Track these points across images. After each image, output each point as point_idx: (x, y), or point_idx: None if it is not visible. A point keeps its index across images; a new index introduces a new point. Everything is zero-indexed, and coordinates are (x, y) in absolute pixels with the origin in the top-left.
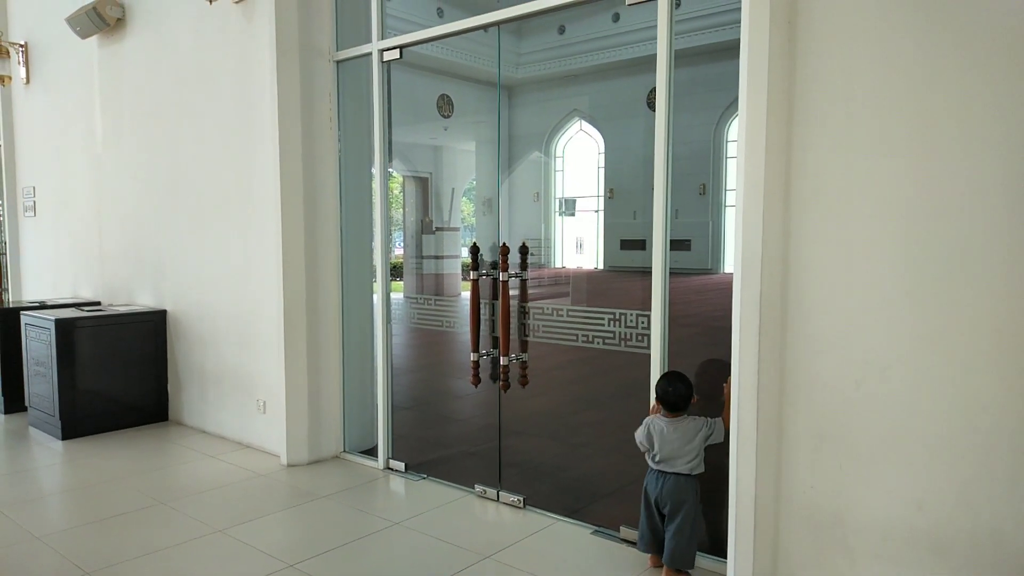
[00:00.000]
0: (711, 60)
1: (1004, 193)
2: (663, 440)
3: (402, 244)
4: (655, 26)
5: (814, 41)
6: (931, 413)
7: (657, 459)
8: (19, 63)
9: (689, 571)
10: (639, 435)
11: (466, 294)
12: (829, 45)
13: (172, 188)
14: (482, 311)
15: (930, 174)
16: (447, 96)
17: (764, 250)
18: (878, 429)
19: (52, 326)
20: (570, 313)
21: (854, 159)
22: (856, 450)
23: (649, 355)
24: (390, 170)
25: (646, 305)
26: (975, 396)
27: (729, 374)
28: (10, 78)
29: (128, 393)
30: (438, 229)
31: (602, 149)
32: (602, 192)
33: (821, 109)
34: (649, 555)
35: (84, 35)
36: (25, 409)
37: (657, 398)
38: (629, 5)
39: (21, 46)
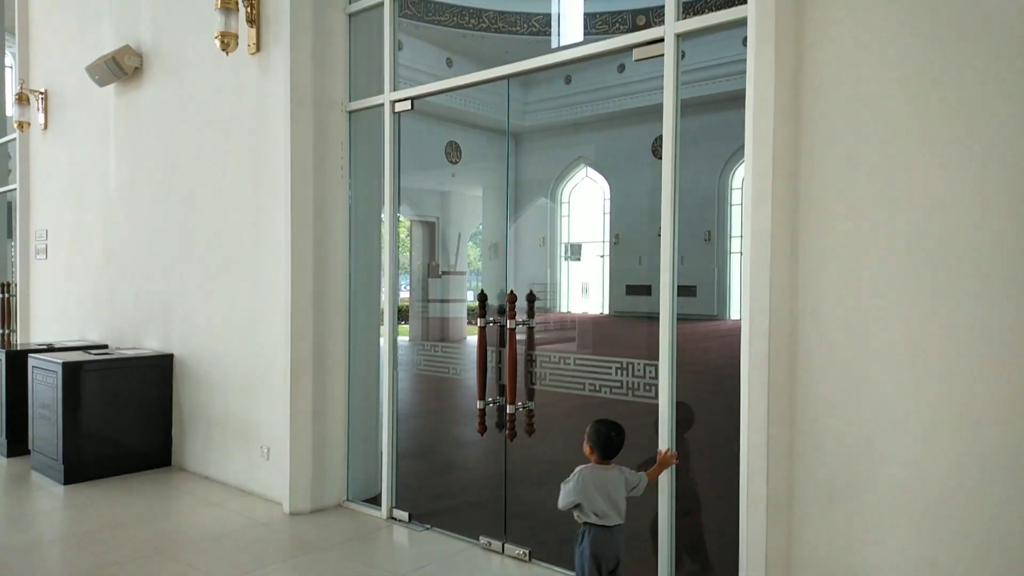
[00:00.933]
0: (715, 110)
1: (1007, 252)
2: (601, 491)
3: (408, 287)
4: (659, 77)
5: (819, 100)
6: (943, 470)
7: (594, 518)
8: (38, 109)
9: None
10: (569, 492)
11: (471, 338)
12: (834, 104)
13: (183, 233)
14: (488, 358)
15: (935, 233)
16: (455, 143)
17: (772, 305)
18: (889, 486)
19: (59, 369)
20: (577, 361)
21: (860, 217)
22: (868, 507)
23: (657, 405)
24: (398, 215)
25: (653, 353)
26: (989, 452)
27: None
28: (29, 124)
29: (132, 437)
30: (444, 273)
31: (608, 195)
32: (607, 237)
33: (827, 167)
34: None
35: (102, 83)
36: (28, 453)
37: (593, 444)
38: (636, 61)
39: (41, 93)
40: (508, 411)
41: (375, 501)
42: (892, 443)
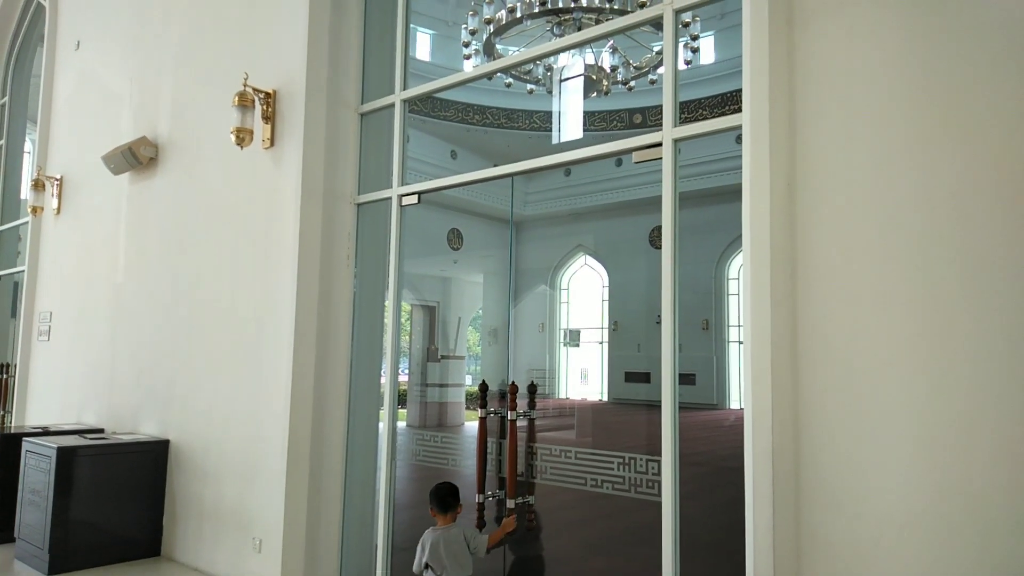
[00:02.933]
0: (711, 203)
1: (1006, 344)
2: (444, 548)
3: (407, 371)
4: (655, 171)
5: (815, 201)
6: (957, 570)
7: (435, 569)
8: (52, 195)
9: None
10: (417, 555)
11: (470, 424)
12: (830, 205)
13: (188, 320)
14: (488, 448)
15: (935, 331)
16: (457, 230)
17: (774, 402)
18: None
19: (53, 453)
20: (579, 455)
21: (858, 313)
22: None
23: (659, 502)
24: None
25: (654, 445)
26: (1003, 556)
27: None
28: (42, 209)
29: (122, 526)
30: (444, 357)
31: (606, 283)
32: (606, 324)
33: (825, 265)
34: None
35: (117, 172)
36: (13, 540)
37: (433, 505)
38: (636, 163)
39: (57, 180)
40: (508, 506)
41: None
42: (900, 545)
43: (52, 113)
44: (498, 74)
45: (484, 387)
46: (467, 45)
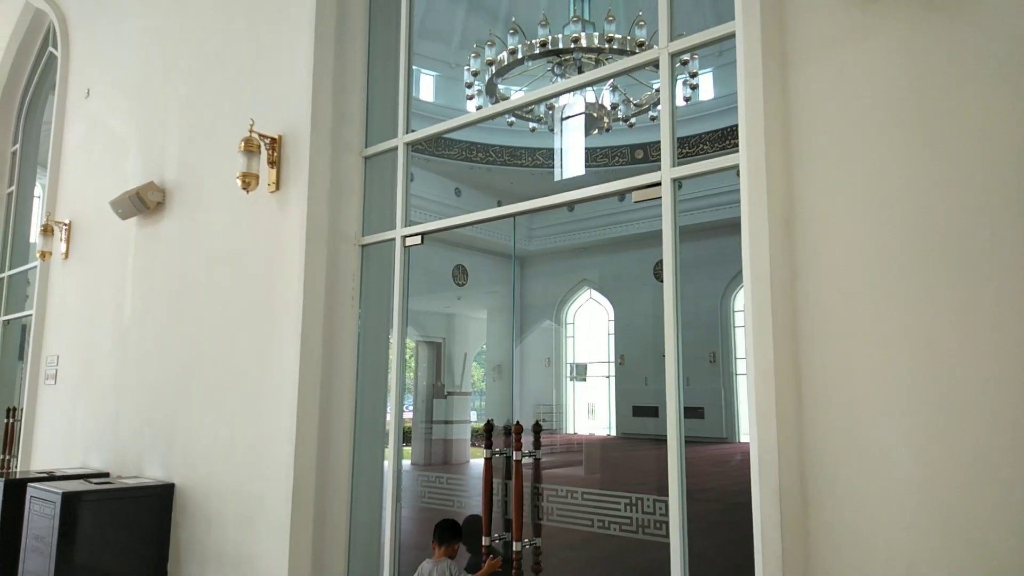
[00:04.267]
0: (715, 236)
1: (1009, 383)
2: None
3: (411, 408)
4: (657, 206)
5: (812, 247)
6: None
7: None
8: (61, 239)
9: None
10: None
11: (474, 462)
12: (826, 244)
13: (192, 364)
14: (494, 489)
15: (938, 370)
16: (462, 266)
17: (779, 440)
18: None
19: (58, 499)
20: (585, 496)
21: (858, 351)
22: None
23: (668, 543)
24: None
25: (663, 483)
26: None
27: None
28: (50, 253)
29: (127, 572)
30: (449, 394)
31: (612, 316)
32: (613, 358)
33: (824, 303)
34: None
35: (125, 216)
36: None
37: (434, 538)
38: (636, 202)
39: (65, 224)
40: (515, 548)
41: None
42: None
43: (62, 159)
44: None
45: (489, 427)
46: (470, 86)
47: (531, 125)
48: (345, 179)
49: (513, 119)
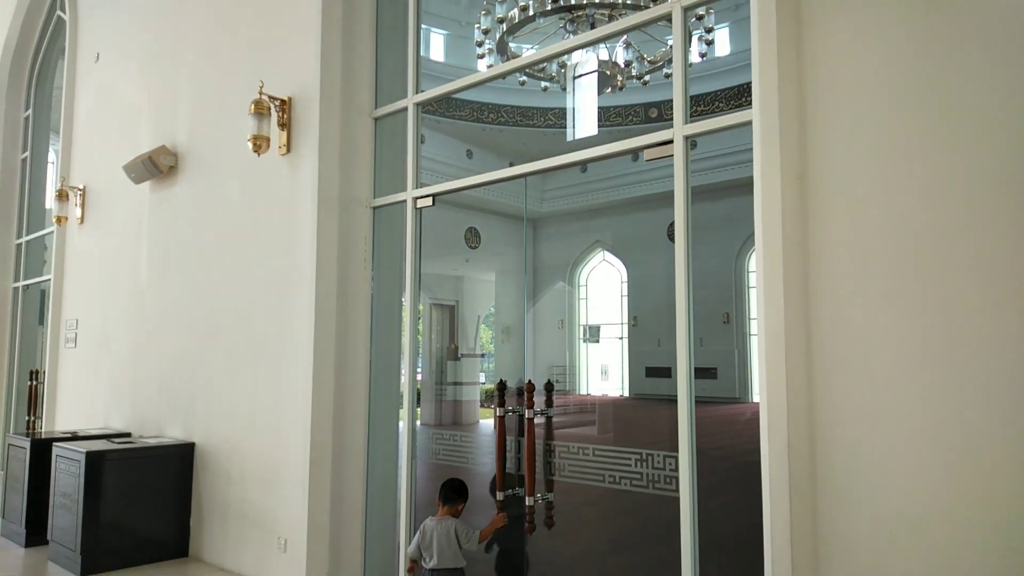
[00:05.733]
0: (729, 195)
1: (1021, 338)
2: (435, 538)
3: (420, 370)
4: (671, 165)
5: (825, 204)
6: (972, 568)
7: (428, 562)
8: (76, 204)
9: None
10: (412, 546)
11: (484, 423)
12: (838, 203)
13: (210, 326)
14: (507, 447)
15: (950, 332)
16: (475, 229)
17: (789, 398)
18: None
19: (82, 458)
20: (596, 452)
21: (870, 308)
22: None
23: (678, 498)
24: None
25: (674, 441)
26: (1019, 553)
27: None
28: (66, 218)
29: (151, 527)
30: (463, 355)
31: (625, 278)
32: (626, 320)
33: (836, 262)
34: None
35: (138, 181)
36: (46, 543)
37: (439, 497)
38: (648, 160)
39: (80, 189)
40: (527, 503)
41: None
42: (915, 543)
43: (74, 124)
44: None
45: (502, 385)
46: (480, 44)
47: (543, 84)
48: (356, 141)
49: (525, 78)
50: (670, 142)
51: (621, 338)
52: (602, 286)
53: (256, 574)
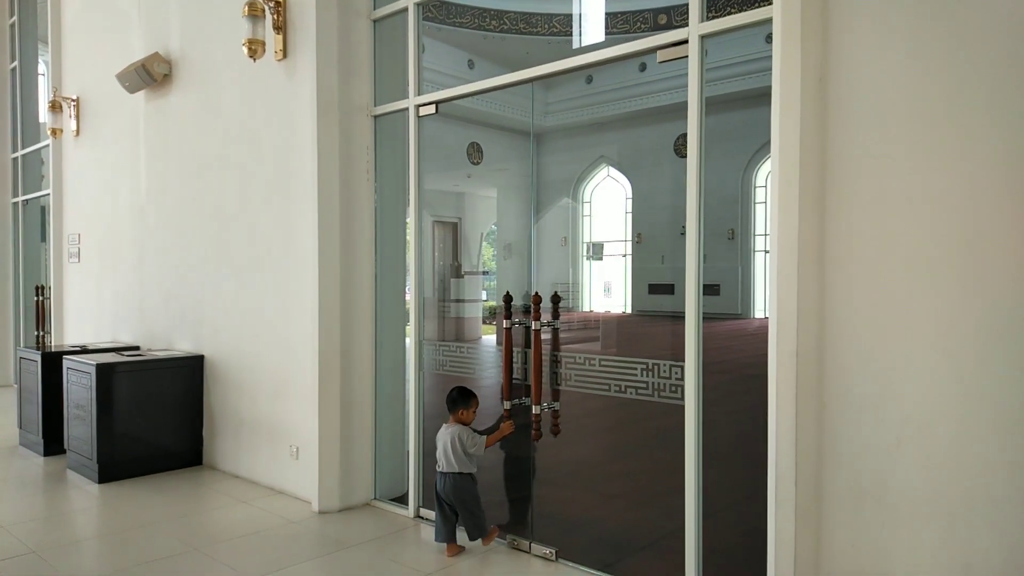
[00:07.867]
0: (737, 108)
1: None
2: (442, 445)
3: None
4: (680, 75)
5: (847, 100)
6: (976, 471)
7: (438, 465)
8: (71, 116)
9: (482, 538)
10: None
11: (486, 338)
12: (862, 103)
13: (213, 236)
14: (514, 358)
15: (963, 231)
16: (477, 144)
17: (799, 306)
18: (921, 488)
19: (93, 370)
20: (602, 363)
21: (887, 215)
22: (899, 510)
23: (683, 406)
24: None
25: (678, 354)
26: (1021, 452)
27: (508, 416)
28: (61, 131)
29: (165, 437)
30: (467, 273)
31: (629, 194)
32: (630, 236)
33: (855, 167)
34: (445, 545)
35: (132, 90)
36: (64, 452)
37: (447, 405)
38: (660, 63)
39: (73, 100)
40: (534, 411)
41: (402, 500)
42: (922, 444)
43: (62, 31)
44: None
45: (508, 298)
46: None
47: None
48: (354, 44)
49: None
50: (685, 42)
51: (625, 255)
52: (606, 202)
53: (269, 480)
